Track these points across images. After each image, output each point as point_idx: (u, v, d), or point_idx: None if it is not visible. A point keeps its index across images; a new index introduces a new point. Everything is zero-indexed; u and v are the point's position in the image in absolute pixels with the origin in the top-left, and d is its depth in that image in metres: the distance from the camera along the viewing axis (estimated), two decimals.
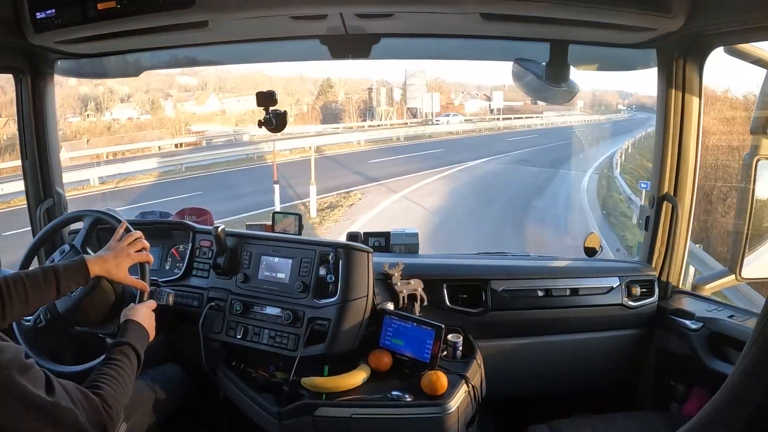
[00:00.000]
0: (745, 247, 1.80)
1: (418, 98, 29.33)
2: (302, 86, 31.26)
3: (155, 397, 1.69)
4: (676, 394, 1.91)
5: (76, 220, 1.83)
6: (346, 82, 30.97)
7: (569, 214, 12.36)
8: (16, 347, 0.99)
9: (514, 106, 33.62)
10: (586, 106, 36.68)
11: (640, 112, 36.48)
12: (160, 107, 25.75)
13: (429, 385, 1.56)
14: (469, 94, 35.18)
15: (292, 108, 27.10)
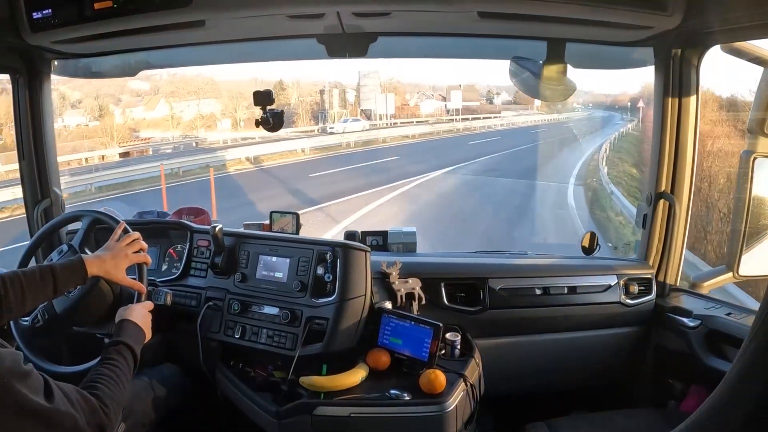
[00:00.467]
0: (742, 244, 1.81)
1: (372, 99, 28.38)
2: (255, 89, 29.63)
3: (153, 396, 1.69)
4: (674, 392, 1.92)
5: (74, 220, 1.83)
6: (299, 84, 30.00)
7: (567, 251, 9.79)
8: (14, 353, 0.99)
9: (471, 106, 32.93)
10: (542, 104, 36.03)
11: (596, 110, 36.32)
12: (109, 113, 24.35)
13: (427, 384, 1.56)
14: (424, 95, 34.22)
15: (242, 112, 26.43)
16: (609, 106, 37.53)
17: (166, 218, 2.19)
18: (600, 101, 39.24)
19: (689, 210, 1.96)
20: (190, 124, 25.24)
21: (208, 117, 25.81)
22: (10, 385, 0.94)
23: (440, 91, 33.79)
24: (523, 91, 1.98)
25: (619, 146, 20.00)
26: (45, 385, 1.01)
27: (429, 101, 33.76)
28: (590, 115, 35.19)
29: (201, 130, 23.53)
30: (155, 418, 1.69)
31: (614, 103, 38.06)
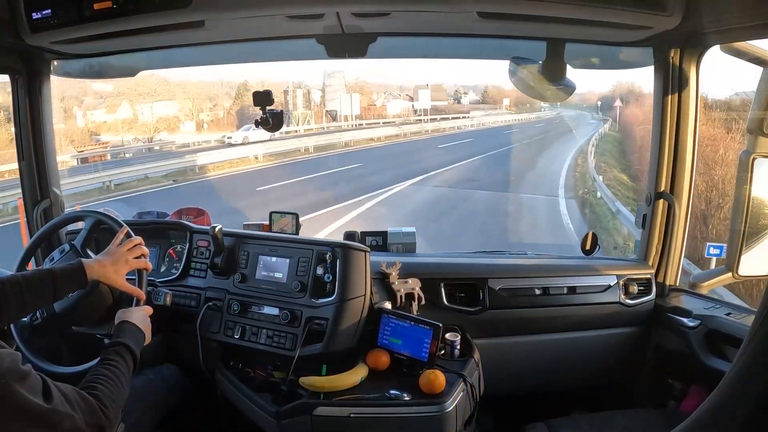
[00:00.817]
0: (742, 244, 1.81)
1: (337, 100, 26.67)
2: (221, 90, 28.13)
3: (153, 397, 1.69)
4: (674, 392, 1.92)
5: (74, 220, 1.83)
6: (264, 85, 26.93)
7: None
8: (13, 354, 0.99)
9: (439, 106, 31.65)
10: (511, 104, 35.23)
11: (564, 109, 35.38)
12: (72, 116, 22.45)
13: (427, 384, 1.56)
14: (391, 95, 32.44)
15: (206, 114, 25.33)
16: (577, 105, 36.48)
17: (165, 218, 2.19)
18: (567, 100, 39.91)
19: (689, 210, 1.96)
20: (151, 127, 23.50)
21: (172, 119, 24.31)
22: (9, 385, 0.94)
23: (407, 91, 32.25)
24: (522, 92, 1.98)
25: (602, 149, 18.92)
26: (44, 385, 1.01)
27: (396, 101, 32.04)
28: (559, 114, 34.41)
29: (164, 133, 22.13)
30: (155, 418, 1.69)
31: (582, 102, 37.05)
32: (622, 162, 16.30)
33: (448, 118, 30.02)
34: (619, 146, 19.42)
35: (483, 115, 31.86)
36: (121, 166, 14.52)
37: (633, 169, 14.49)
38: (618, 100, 23.28)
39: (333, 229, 8.64)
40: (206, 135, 22.61)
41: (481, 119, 30.74)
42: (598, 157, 16.75)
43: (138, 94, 23.76)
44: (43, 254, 1.97)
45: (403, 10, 1.66)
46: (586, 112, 33.72)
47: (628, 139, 19.18)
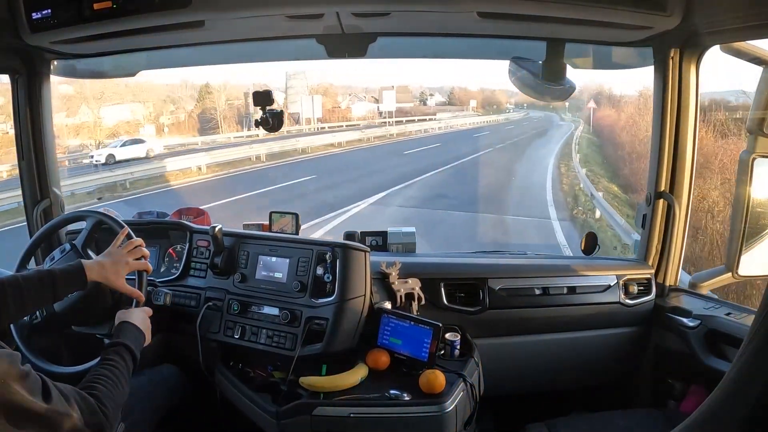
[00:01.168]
0: (741, 244, 1.80)
1: (298, 102, 25.47)
2: (186, 93, 26.34)
3: (152, 397, 1.69)
4: (674, 392, 1.92)
5: (74, 220, 1.83)
6: (226, 87, 26.41)
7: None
8: (12, 354, 0.99)
9: (405, 108, 30.91)
10: (478, 105, 34.87)
11: (532, 110, 35.41)
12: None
13: (427, 384, 1.56)
14: (356, 97, 31.69)
15: (167, 117, 23.59)
16: (544, 107, 36.59)
17: (165, 218, 2.19)
18: (533, 101, 38.99)
19: (689, 210, 1.96)
20: (112, 131, 21.25)
21: (133, 123, 22.63)
22: (8, 385, 0.94)
23: (373, 93, 31.40)
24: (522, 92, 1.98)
25: (583, 155, 17.79)
26: (43, 385, 1.01)
27: (361, 103, 31.23)
28: (528, 116, 34.02)
29: (124, 137, 19.84)
30: (155, 419, 1.69)
31: (548, 103, 38.50)
32: (608, 170, 15.29)
33: (414, 120, 29.14)
34: (600, 151, 18.67)
35: (450, 117, 31.24)
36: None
37: (621, 177, 13.51)
38: (591, 101, 22.96)
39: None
40: (168, 139, 21.37)
41: (449, 121, 29.84)
42: (584, 165, 15.54)
43: (96, 97, 21.83)
44: (43, 254, 1.97)
45: (403, 10, 1.66)
46: (554, 114, 33.45)
47: (608, 144, 18.30)
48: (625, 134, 16.11)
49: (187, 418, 1.84)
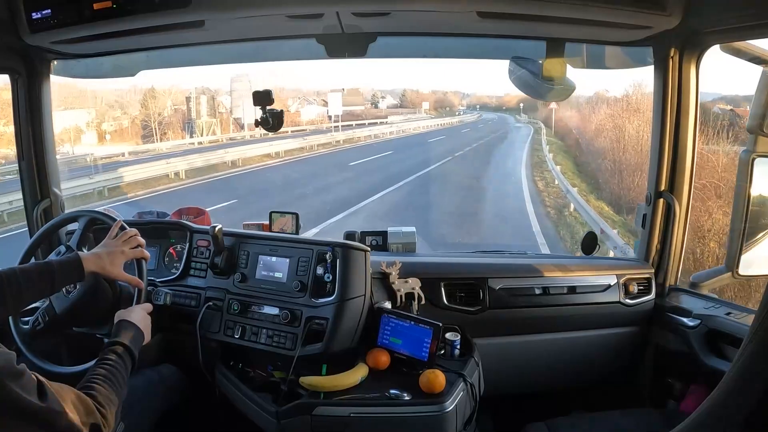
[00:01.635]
0: (741, 244, 1.80)
1: (241, 107, 22.85)
2: (135, 98, 24.13)
3: (153, 397, 1.69)
4: (674, 392, 1.92)
5: (72, 220, 1.83)
6: (171, 92, 24.43)
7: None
8: (7, 353, 0.99)
9: (356, 111, 29.35)
10: (431, 107, 34.17)
11: (485, 111, 34.97)
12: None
13: (427, 384, 1.56)
14: (305, 100, 30.29)
15: (108, 124, 21.37)
16: (496, 108, 36.29)
17: (165, 218, 2.19)
18: (485, 102, 38.00)
19: (689, 209, 1.96)
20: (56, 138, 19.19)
21: (74, 131, 20.26)
22: (3, 384, 0.94)
23: (324, 96, 29.46)
24: (522, 91, 1.98)
25: (563, 163, 15.52)
26: (38, 384, 1.01)
27: (311, 107, 29.82)
28: (481, 117, 33.32)
29: (67, 145, 18.42)
30: (155, 418, 1.69)
31: (501, 104, 37.01)
32: (588, 181, 13.34)
33: (364, 124, 27.42)
34: (572, 159, 16.84)
35: (402, 121, 29.86)
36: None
37: (606, 190, 11.86)
38: (553, 101, 22.20)
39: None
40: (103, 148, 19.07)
41: (401, 125, 28.03)
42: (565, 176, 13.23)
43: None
44: (43, 254, 1.97)
45: (403, 10, 1.66)
46: (508, 115, 32.80)
47: (579, 150, 16.89)
48: (602, 139, 14.27)
49: (187, 417, 1.84)
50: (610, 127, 13.74)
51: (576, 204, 10.51)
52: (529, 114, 31.15)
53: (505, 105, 36.68)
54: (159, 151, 19.12)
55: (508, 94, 34.87)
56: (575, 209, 10.52)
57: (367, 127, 26.78)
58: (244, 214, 9.24)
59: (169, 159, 15.45)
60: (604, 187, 12.25)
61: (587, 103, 18.06)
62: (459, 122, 31.61)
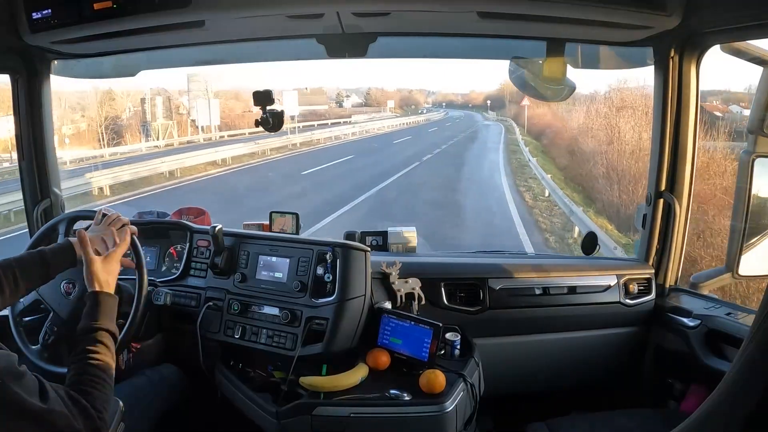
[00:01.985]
0: (742, 244, 1.80)
1: (195, 108, 21.53)
2: (96, 100, 21.04)
3: (153, 397, 1.69)
4: (674, 392, 1.92)
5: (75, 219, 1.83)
6: (129, 94, 21.98)
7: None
8: (8, 354, 0.99)
9: (319, 110, 28.27)
10: (396, 106, 33.16)
11: (452, 109, 34.33)
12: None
13: (427, 384, 1.56)
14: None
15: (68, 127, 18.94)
16: (462, 105, 35.75)
17: (166, 218, 2.19)
18: (450, 100, 37.66)
19: (689, 209, 1.96)
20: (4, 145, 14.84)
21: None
22: (6, 386, 0.94)
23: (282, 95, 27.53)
24: (522, 91, 1.98)
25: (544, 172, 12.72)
26: (40, 385, 1.01)
27: (275, 107, 28.47)
28: (448, 115, 32.33)
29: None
30: (155, 418, 1.69)
31: (467, 101, 36.58)
32: (579, 190, 11.41)
33: (327, 123, 26.09)
34: (553, 162, 15.04)
35: (366, 120, 28.46)
36: None
37: (600, 201, 10.32)
38: (526, 98, 19.38)
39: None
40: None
41: (365, 125, 26.30)
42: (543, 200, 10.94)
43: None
44: None
45: (404, 10, 1.66)
46: (475, 113, 32.12)
47: (557, 151, 15.45)
48: (588, 140, 12.46)
49: (187, 417, 1.83)
50: (598, 127, 12.11)
51: (582, 227, 8.38)
52: (497, 111, 30.50)
53: (471, 102, 36.31)
54: (105, 159, 16.33)
55: (473, 91, 34.45)
56: (581, 234, 8.14)
57: (329, 127, 25.19)
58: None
59: (94, 172, 12.78)
60: (597, 198, 10.68)
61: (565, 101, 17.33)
62: (425, 121, 30.75)
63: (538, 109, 20.51)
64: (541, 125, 19.22)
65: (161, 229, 2.07)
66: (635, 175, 9.14)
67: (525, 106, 21.25)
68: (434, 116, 32.35)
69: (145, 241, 1.75)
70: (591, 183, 11.21)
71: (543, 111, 19.58)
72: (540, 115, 19.97)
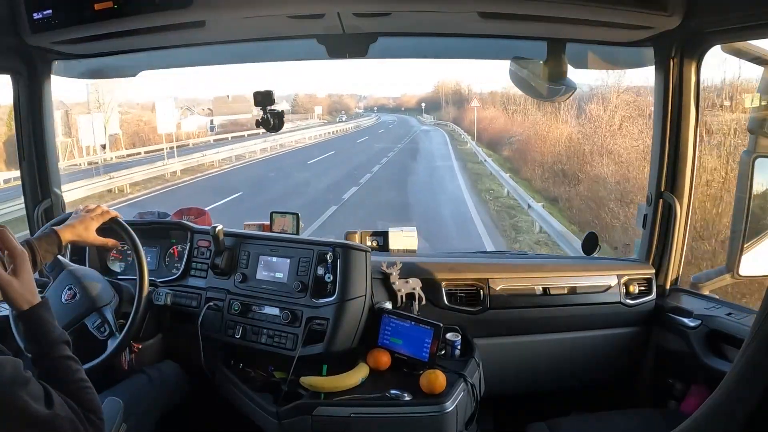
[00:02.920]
0: (742, 244, 1.80)
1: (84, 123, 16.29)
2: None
3: (154, 396, 1.69)
4: (675, 392, 1.92)
5: None
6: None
7: None
8: (14, 360, 0.98)
9: (241, 120, 23.67)
10: (324, 112, 30.33)
11: (384, 113, 32.53)
12: None
13: (428, 384, 1.56)
14: (188, 110, 24.74)
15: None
16: (394, 109, 33.85)
17: (166, 219, 2.19)
18: (382, 104, 35.57)
19: (690, 209, 1.96)
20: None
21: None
22: (13, 392, 0.94)
23: (207, 104, 24.88)
24: (523, 91, 1.98)
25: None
26: (45, 391, 1.01)
27: (193, 117, 24.21)
28: (380, 120, 30.10)
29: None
30: (156, 418, 1.69)
31: (399, 105, 34.50)
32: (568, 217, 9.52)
33: (244, 135, 21.59)
34: (528, 185, 11.55)
35: (290, 128, 24.06)
36: None
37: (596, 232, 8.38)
38: (475, 100, 17.61)
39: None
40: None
41: (283, 137, 20.98)
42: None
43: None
44: None
45: (404, 10, 1.66)
46: (409, 117, 30.27)
47: (523, 163, 12.37)
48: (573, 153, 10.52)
49: (188, 417, 1.84)
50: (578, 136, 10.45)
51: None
52: (434, 114, 28.10)
53: (403, 105, 34.31)
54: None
55: (405, 95, 32.60)
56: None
57: (244, 140, 20.43)
58: None
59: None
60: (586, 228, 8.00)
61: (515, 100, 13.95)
62: (355, 128, 26.44)
63: (486, 112, 17.37)
64: (493, 131, 15.01)
65: (162, 229, 2.07)
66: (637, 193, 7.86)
67: (474, 108, 17.91)
68: (365, 122, 29.44)
69: (146, 242, 1.75)
70: (581, 211, 9.10)
71: (493, 114, 15.83)
72: (489, 118, 16.05)
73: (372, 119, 30.85)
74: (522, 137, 13.66)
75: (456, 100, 22.15)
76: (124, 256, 2.05)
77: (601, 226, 7.82)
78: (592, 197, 9.14)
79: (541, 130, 12.10)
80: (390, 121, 29.71)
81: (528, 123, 13.65)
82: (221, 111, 22.65)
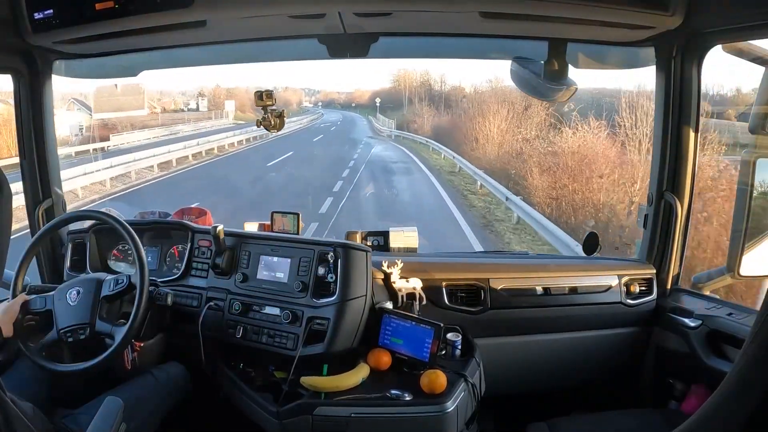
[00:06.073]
0: (743, 245, 1.80)
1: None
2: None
3: (157, 396, 1.69)
4: (675, 392, 1.92)
5: (74, 220, 1.83)
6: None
7: None
8: None
9: (135, 117, 14.70)
10: (241, 108, 21.48)
11: (328, 111, 28.59)
12: None
13: (428, 384, 1.56)
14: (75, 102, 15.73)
15: None
16: (345, 106, 29.73)
17: (167, 219, 2.19)
18: (332, 99, 30.90)
19: (690, 209, 1.95)
20: None
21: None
22: None
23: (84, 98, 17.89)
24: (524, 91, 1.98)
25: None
26: None
27: (74, 115, 14.68)
28: (322, 117, 25.85)
29: None
30: (157, 418, 1.69)
31: (350, 100, 29.76)
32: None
33: (124, 143, 14.53)
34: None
35: (191, 131, 18.09)
36: None
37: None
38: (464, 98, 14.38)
39: None
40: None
41: (163, 155, 13.47)
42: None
43: None
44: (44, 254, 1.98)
45: (405, 10, 1.66)
46: (360, 116, 26.51)
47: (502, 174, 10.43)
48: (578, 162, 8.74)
49: (189, 417, 1.84)
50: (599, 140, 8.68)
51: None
52: (390, 114, 20.71)
53: (354, 101, 29.44)
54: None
55: (358, 90, 29.03)
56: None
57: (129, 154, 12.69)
58: None
59: None
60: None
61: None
62: (286, 133, 17.96)
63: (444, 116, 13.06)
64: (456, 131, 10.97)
65: (163, 229, 2.07)
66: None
67: (451, 104, 14.24)
68: (294, 125, 21.80)
69: (147, 241, 1.75)
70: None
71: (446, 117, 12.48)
72: (453, 120, 12.21)
73: (308, 117, 25.02)
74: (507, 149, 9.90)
75: (433, 97, 17.11)
76: (125, 256, 2.05)
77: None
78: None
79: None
80: (333, 119, 24.63)
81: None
82: (105, 106, 18.51)
